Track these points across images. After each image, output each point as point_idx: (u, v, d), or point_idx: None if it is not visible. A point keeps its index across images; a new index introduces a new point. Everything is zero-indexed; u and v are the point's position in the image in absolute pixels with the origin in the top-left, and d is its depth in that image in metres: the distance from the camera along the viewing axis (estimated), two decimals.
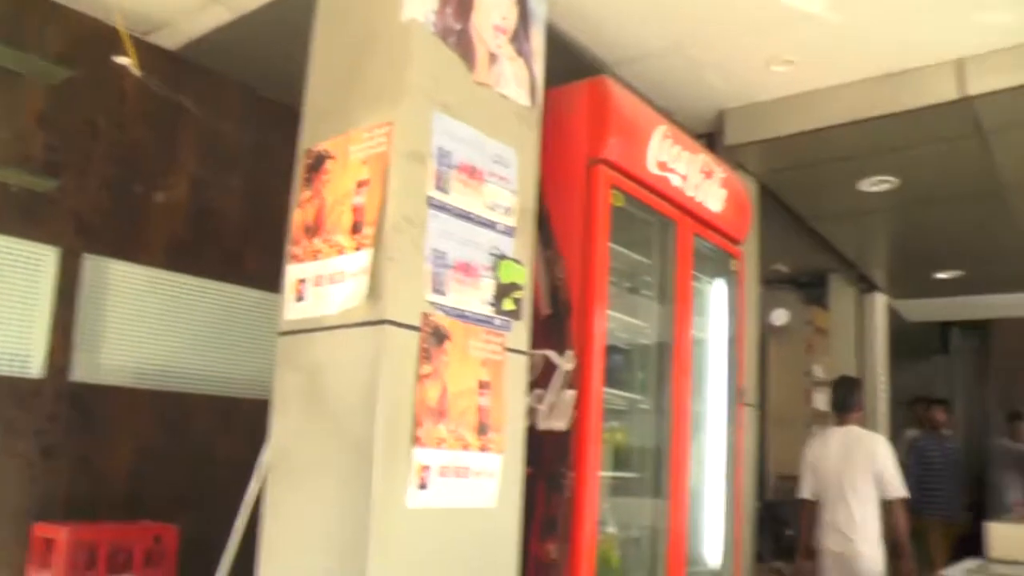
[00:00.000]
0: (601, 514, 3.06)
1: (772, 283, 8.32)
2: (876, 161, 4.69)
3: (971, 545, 5.18)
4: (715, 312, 4.03)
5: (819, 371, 8.44)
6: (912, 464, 6.83)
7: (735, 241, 4.05)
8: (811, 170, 4.83)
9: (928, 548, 6.75)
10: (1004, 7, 3.47)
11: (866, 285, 7.79)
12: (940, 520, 7.00)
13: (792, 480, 8.50)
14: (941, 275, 7.30)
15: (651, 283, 3.55)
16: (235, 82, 4.28)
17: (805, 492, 4.99)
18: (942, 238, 6.36)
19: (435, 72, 2.53)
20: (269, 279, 3.38)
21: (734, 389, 4.01)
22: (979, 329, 10.24)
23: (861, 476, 4.49)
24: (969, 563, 4.41)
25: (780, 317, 7.80)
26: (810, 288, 8.27)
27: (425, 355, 2.40)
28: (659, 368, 3.45)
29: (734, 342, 4.05)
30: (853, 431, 4.70)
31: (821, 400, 8.34)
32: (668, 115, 3.94)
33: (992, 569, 4.20)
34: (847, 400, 4.81)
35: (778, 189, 5.10)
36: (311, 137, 2.69)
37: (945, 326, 10.80)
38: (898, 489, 4.41)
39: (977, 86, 3.87)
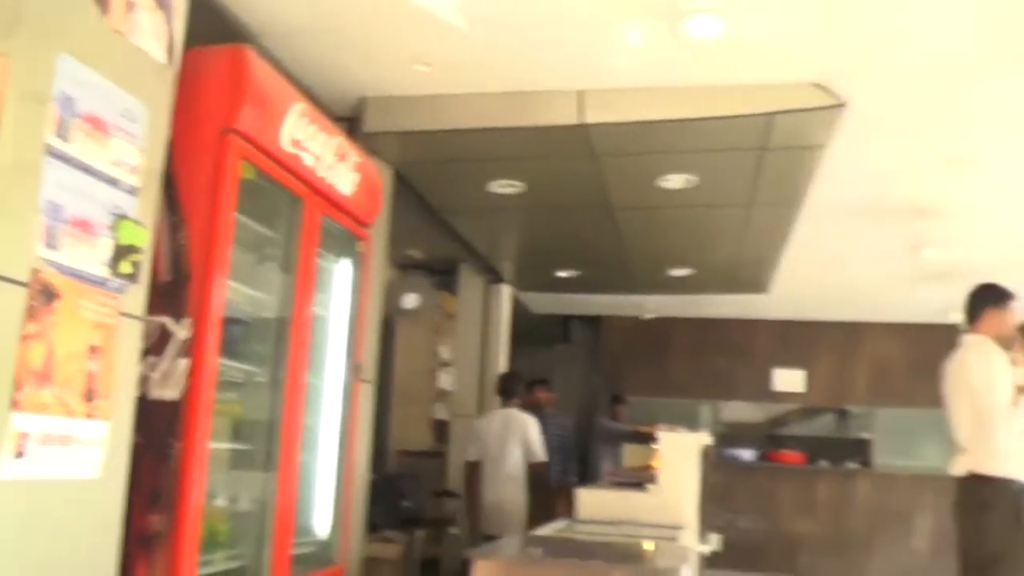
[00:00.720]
0: (211, 486, 3.10)
1: (406, 267, 8.69)
2: (504, 166, 5.11)
3: None
4: (338, 290, 4.21)
5: (445, 353, 8.93)
6: None
7: (363, 224, 4.24)
8: (445, 166, 5.15)
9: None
10: (625, 53, 3.94)
11: (493, 276, 8.35)
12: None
13: (415, 455, 8.97)
14: (561, 273, 8.04)
15: (276, 257, 3.62)
16: None
17: (472, 456, 6.56)
18: (562, 241, 7.03)
19: (62, 9, 2.40)
20: None
21: (352, 365, 4.18)
22: (594, 323, 11.33)
23: (513, 445, 6.32)
24: (559, 523, 4.91)
25: (411, 300, 8.17)
26: (442, 275, 8.73)
27: (31, 314, 2.29)
28: (278, 341, 3.54)
29: (355, 320, 4.23)
30: (512, 412, 6.50)
31: (446, 380, 8.83)
32: (310, 94, 4.04)
33: (576, 527, 4.72)
34: (510, 389, 6.71)
35: (413, 179, 5.37)
36: None
37: (567, 319, 11.87)
38: (538, 455, 6.38)
39: (594, 116, 4.44)
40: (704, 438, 5.91)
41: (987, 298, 4.42)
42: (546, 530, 4.47)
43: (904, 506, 10.12)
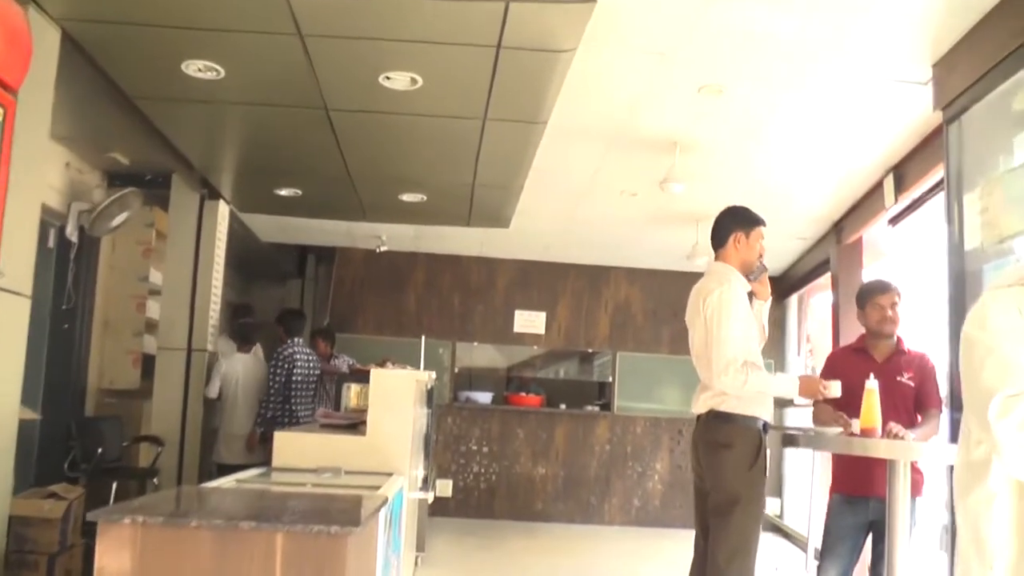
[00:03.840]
0: None
1: (114, 178, 7.65)
2: (198, 42, 4.35)
3: None
4: None
5: (157, 277, 7.99)
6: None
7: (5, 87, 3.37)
8: (128, 32, 4.27)
9: None
10: None
11: (210, 192, 7.47)
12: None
13: (120, 394, 8.01)
14: (282, 191, 7.31)
15: None
16: None
17: (212, 393, 7.39)
18: (278, 151, 6.35)
19: None
20: None
21: None
22: (329, 256, 10.66)
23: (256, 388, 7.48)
24: (251, 472, 4.36)
25: (112, 214, 7.14)
26: (154, 187, 7.74)
27: None
28: None
29: None
30: (249, 357, 7.68)
31: (156, 308, 7.92)
32: None
33: (267, 477, 4.19)
34: (247, 335, 7.86)
35: (92, 47, 4.46)
36: None
37: (304, 251, 11.12)
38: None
39: None
40: (422, 376, 5.44)
41: (733, 221, 4.12)
42: (225, 480, 3.84)
43: (640, 448, 10.23)
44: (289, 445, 4.64)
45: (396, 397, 4.67)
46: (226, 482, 3.79)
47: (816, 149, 6.16)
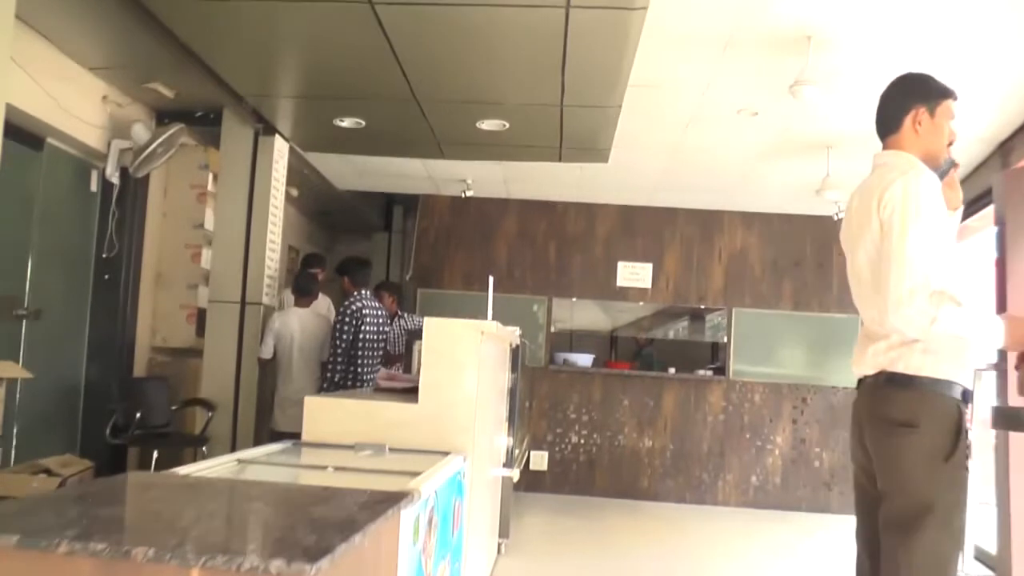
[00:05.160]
0: None
1: (164, 115, 6.88)
2: None
3: None
4: None
5: (211, 224, 7.22)
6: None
7: None
8: None
9: None
10: None
11: (264, 126, 6.62)
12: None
13: (175, 353, 7.30)
14: (343, 122, 6.36)
15: None
16: None
17: (266, 353, 6.64)
18: (329, 64, 5.37)
19: None
20: None
21: None
22: (413, 205, 9.81)
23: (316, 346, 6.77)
24: (279, 445, 3.49)
25: (159, 151, 6.33)
26: (206, 124, 6.94)
27: None
28: None
29: None
30: (307, 312, 6.87)
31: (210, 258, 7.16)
32: None
33: (281, 456, 3.27)
34: (306, 287, 6.96)
35: None
36: None
37: (390, 203, 10.44)
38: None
39: None
40: (498, 330, 4.43)
41: (911, 94, 2.85)
42: (222, 460, 2.92)
43: (759, 419, 9.07)
44: (323, 413, 3.71)
45: (458, 355, 3.68)
46: (221, 462, 2.86)
47: (980, 48, 4.89)
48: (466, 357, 3.65)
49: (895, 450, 2.60)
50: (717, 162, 7.37)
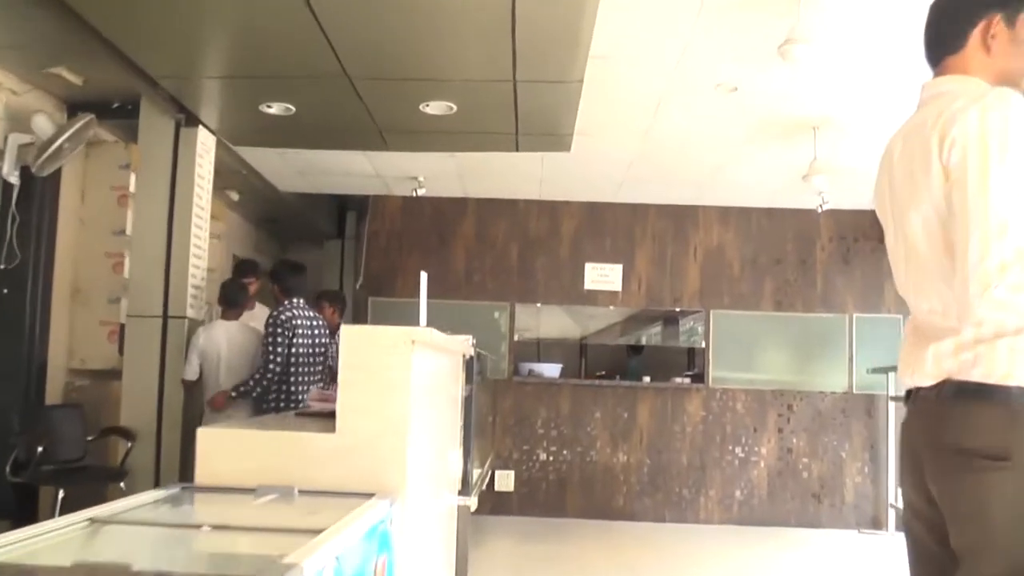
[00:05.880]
0: None
1: (75, 107, 6.14)
2: None
3: None
4: None
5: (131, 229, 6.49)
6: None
7: None
8: None
9: None
10: None
11: (186, 117, 5.88)
12: None
13: (95, 375, 6.53)
14: (271, 108, 5.62)
15: None
16: None
17: (191, 375, 5.79)
18: (255, 44, 4.65)
19: None
20: None
21: None
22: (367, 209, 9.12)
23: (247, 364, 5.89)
24: (159, 492, 2.74)
25: (43, 126, 5.57)
26: (123, 117, 6.22)
27: None
28: None
29: None
30: (235, 326, 6.03)
31: None
32: None
33: (177, 506, 2.54)
34: (232, 298, 6.16)
35: None
36: None
37: (343, 208, 9.71)
38: None
39: None
40: (451, 342, 3.72)
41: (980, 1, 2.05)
42: (52, 528, 2.18)
43: (741, 428, 8.42)
44: (220, 448, 2.98)
45: (384, 371, 2.96)
46: (68, 523, 2.13)
47: None
48: (395, 373, 2.93)
49: (977, 493, 1.83)
50: (692, 149, 6.69)
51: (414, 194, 7.97)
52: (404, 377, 2.95)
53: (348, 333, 3.00)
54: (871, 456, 8.27)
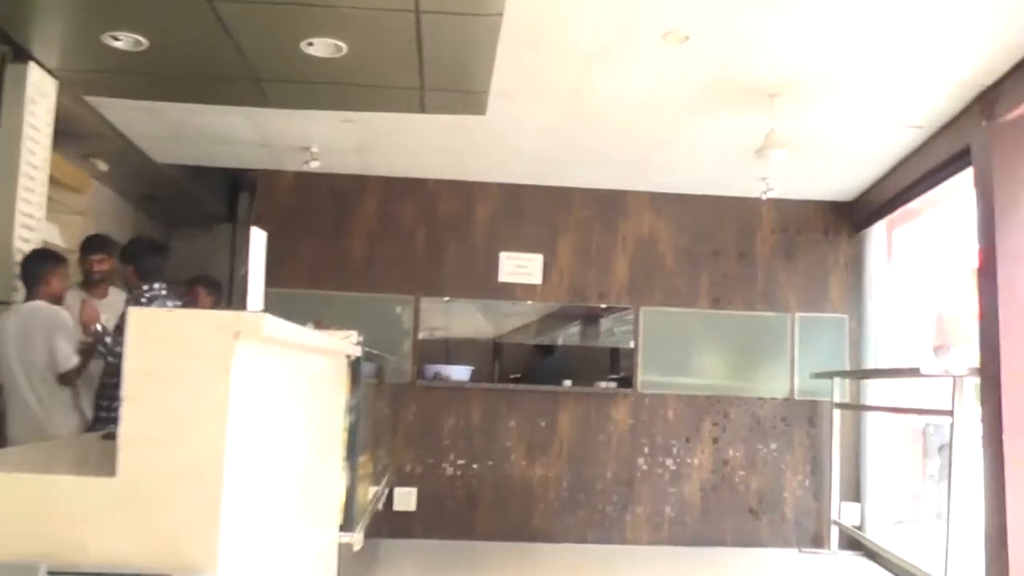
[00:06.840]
0: None
1: None
2: None
3: None
4: None
5: None
6: None
7: None
8: None
9: None
10: None
11: (12, 48, 4.73)
12: None
13: None
14: (118, 41, 4.49)
15: None
16: None
17: None
18: None
19: None
20: None
21: None
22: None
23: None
24: None
25: None
26: None
27: None
28: None
29: None
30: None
31: None
32: None
33: None
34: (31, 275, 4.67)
35: None
36: None
37: (235, 187, 8.64)
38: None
39: None
40: (325, 339, 2.68)
41: None
42: None
43: (673, 438, 7.56)
44: None
45: (190, 378, 1.91)
46: None
47: None
48: (207, 382, 1.89)
49: None
50: (629, 116, 5.74)
51: (306, 166, 6.88)
52: (223, 387, 1.91)
53: (137, 319, 1.94)
54: (813, 468, 7.50)
